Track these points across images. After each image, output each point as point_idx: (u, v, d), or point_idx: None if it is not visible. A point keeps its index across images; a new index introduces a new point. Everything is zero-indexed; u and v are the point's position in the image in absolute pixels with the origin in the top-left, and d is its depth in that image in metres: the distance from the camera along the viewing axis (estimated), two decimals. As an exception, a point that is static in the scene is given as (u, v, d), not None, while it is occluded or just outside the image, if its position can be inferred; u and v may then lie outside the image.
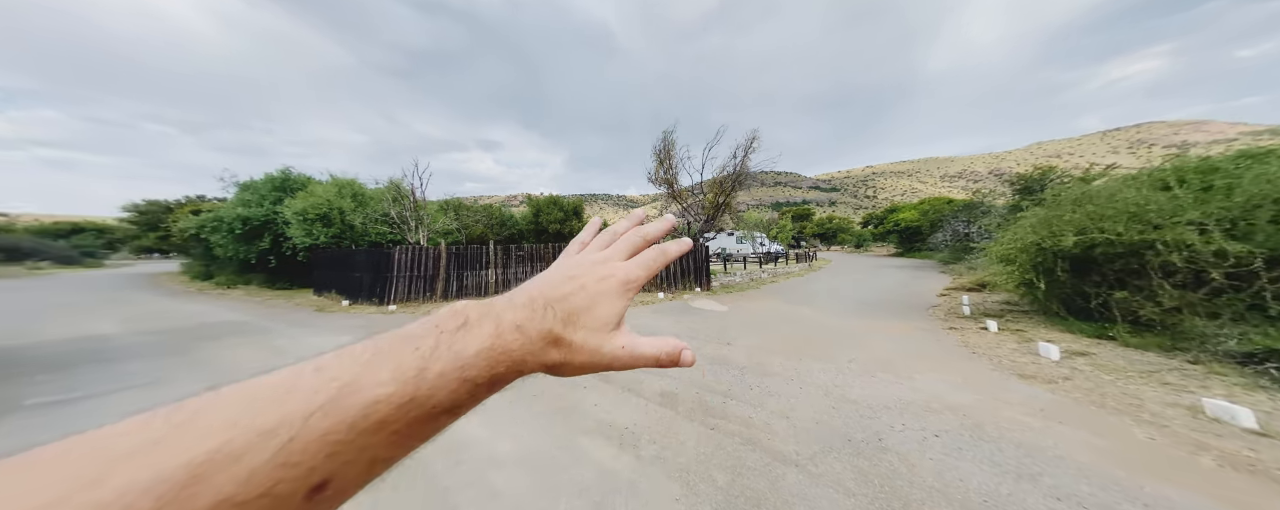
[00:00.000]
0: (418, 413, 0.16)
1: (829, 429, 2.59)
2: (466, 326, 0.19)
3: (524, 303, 0.23)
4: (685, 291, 9.79)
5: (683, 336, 5.06)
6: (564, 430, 2.57)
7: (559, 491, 1.91)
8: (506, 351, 0.20)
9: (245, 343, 5.22)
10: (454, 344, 0.18)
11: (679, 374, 3.63)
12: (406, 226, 10.75)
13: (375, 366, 0.16)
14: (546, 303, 0.23)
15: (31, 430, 2.75)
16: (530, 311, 0.22)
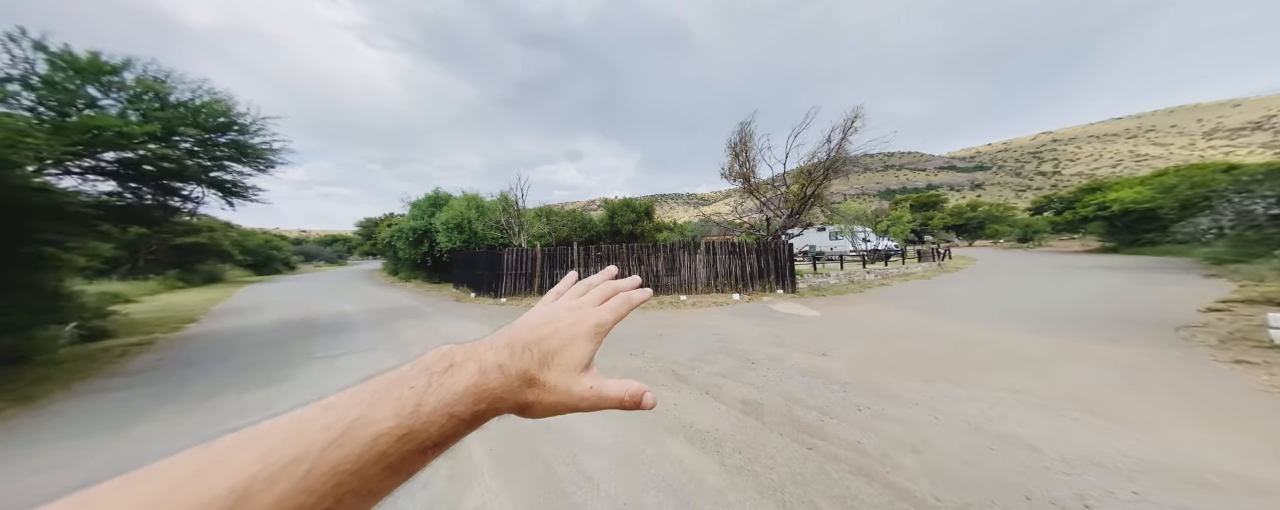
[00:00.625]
0: (411, 447, 0.17)
1: (988, 475, 1.99)
2: (453, 368, 0.21)
3: (504, 345, 0.24)
4: (765, 293, 8.93)
5: (763, 343, 4.66)
6: (646, 424, 2.63)
7: (645, 485, 1.96)
8: (488, 390, 0.21)
9: (415, 323, 7.06)
10: (443, 383, 0.20)
11: (763, 382, 3.32)
12: (512, 232, 12.98)
13: (378, 404, 0.17)
14: (524, 345, 0.25)
15: (321, 374, 4.24)
16: (510, 353, 0.23)
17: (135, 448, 2.62)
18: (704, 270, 9.49)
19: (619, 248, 9.99)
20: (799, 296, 8.58)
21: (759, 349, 4.43)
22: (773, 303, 7.81)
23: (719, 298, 8.65)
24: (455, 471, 2.12)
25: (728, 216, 14.50)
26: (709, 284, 9.41)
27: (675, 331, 5.55)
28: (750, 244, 9.61)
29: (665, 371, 3.72)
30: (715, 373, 3.63)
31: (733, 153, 11.01)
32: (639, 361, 4.08)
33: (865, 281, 11.02)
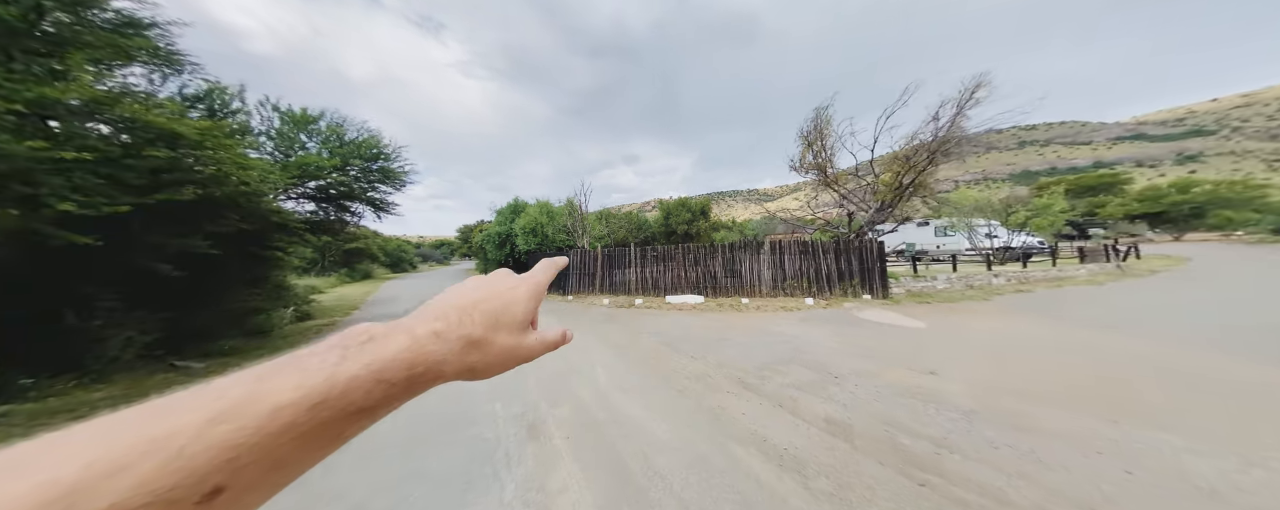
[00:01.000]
0: (330, 414, 0.17)
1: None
2: (374, 340, 0.20)
3: (437, 314, 0.24)
4: (846, 298, 7.76)
5: (847, 355, 4.06)
6: (713, 431, 2.51)
7: (719, 494, 1.85)
8: (425, 355, 0.21)
9: (498, 312, 8.23)
10: (363, 354, 0.19)
11: (850, 400, 2.87)
12: (576, 234, 14.03)
13: (277, 377, 0.17)
14: (461, 310, 0.25)
15: None
16: (446, 322, 0.24)
17: None
18: (769, 272, 8.73)
19: (674, 248, 9.83)
20: (893, 303, 7.22)
21: (841, 361, 3.84)
22: (857, 309, 6.74)
23: (788, 302, 7.85)
24: (541, 453, 2.32)
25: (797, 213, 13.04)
26: (775, 286, 8.62)
27: (737, 335, 5.21)
28: (826, 242, 8.48)
29: (730, 378, 3.51)
30: (788, 384, 3.27)
31: (805, 142, 9.83)
32: (700, 365, 3.94)
33: (990, 287, 8.72)
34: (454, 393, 3.53)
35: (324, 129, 8.64)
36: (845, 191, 10.22)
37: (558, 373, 3.86)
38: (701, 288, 9.29)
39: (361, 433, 0.19)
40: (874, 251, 8.01)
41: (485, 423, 2.75)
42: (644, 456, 2.22)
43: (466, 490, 1.98)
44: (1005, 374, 3.32)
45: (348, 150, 8.63)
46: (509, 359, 0.27)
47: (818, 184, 10.38)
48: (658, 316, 7.07)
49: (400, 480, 2.09)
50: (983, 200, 15.06)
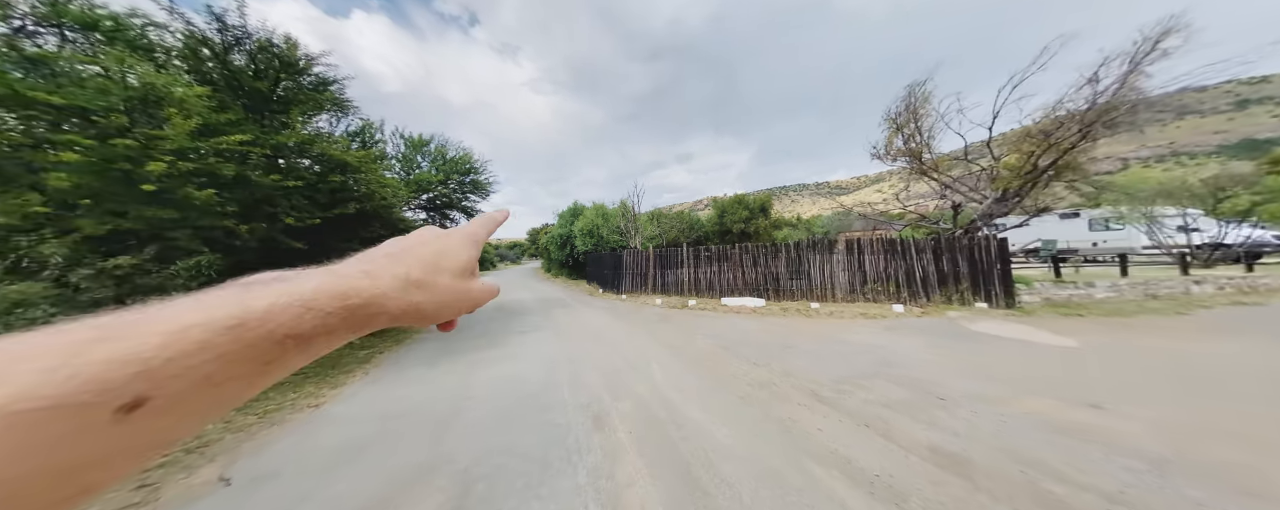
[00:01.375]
0: (255, 337, 0.17)
1: None
2: (280, 279, 0.20)
3: (364, 258, 0.25)
4: (952, 306, 6.41)
5: (956, 375, 3.38)
6: (785, 444, 2.29)
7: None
8: (356, 289, 0.21)
9: (563, 311, 8.77)
10: (273, 287, 0.19)
11: (965, 429, 2.37)
12: (629, 235, 14.46)
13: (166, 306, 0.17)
14: (390, 255, 0.26)
15: (519, 341, 5.81)
16: (374, 264, 0.24)
17: (438, 373, 4.31)
18: (844, 274, 7.71)
19: (730, 248, 9.32)
20: (1022, 313, 5.73)
21: (949, 381, 3.19)
22: (969, 319, 5.52)
23: (868, 308, 6.83)
24: (607, 445, 2.41)
25: (880, 206, 11.23)
26: (852, 290, 7.58)
27: (805, 343, 4.72)
28: (921, 240, 7.14)
29: (800, 389, 3.19)
30: (875, 402, 2.84)
31: (893, 125, 8.38)
32: (763, 372, 3.67)
33: (1188, 296, 6.31)
34: (528, 382, 3.94)
35: (433, 150, 10.64)
36: (949, 180, 8.45)
37: (616, 369, 3.99)
38: (762, 290, 8.67)
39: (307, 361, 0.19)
40: (992, 250, 6.45)
41: (557, 410, 2.97)
42: (708, 461, 2.13)
43: (546, 469, 2.15)
44: (1215, 414, 2.34)
45: (449, 166, 10.48)
46: (459, 300, 0.27)
47: (910, 172, 8.79)
48: (713, 318, 6.83)
49: (492, 452, 2.38)
50: (1172, 182, 10.87)
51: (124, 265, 3.94)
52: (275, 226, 5.36)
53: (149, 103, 4.16)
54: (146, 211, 3.99)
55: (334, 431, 2.90)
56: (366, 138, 8.92)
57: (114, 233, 4.00)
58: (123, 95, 4.04)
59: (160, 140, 4.02)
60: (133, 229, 4.06)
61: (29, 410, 0.12)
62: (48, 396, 0.13)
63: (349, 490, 2.08)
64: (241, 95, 5.79)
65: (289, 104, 6.27)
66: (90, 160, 3.71)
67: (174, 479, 2.36)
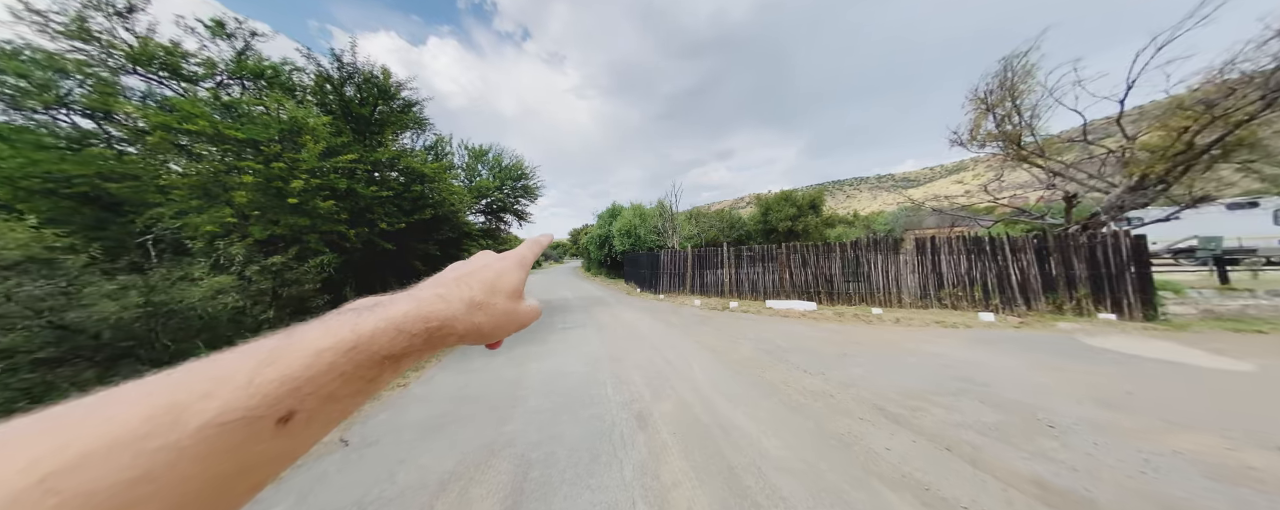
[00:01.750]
0: (363, 357, 0.20)
1: None
2: (379, 305, 0.23)
3: (436, 282, 0.28)
4: (1065, 316, 5.32)
5: (1070, 398, 2.87)
6: (845, 462, 2.13)
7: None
8: (434, 312, 0.24)
9: (603, 309, 9.10)
10: (375, 312, 0.22)
11: (1088, 465, 1.98)
12: (666, 235, 14.45)
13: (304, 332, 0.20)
14: (457, 279, 0.29)
15: (561, 338, 6.22)
16: (446, 287, 0.27)
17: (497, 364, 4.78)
18: (913, 276, 6.83)
19: (775, 247, 8.78)
20: (1168, 327, 4.54)
21: (1060, 406, 2.67)
22: (1089, 333, 4.54)
23: (945, 315, 5.96)
24: (651, 444, 2.48)
25: (960, 199, 9.68)
26: (924, 295, 6.69)
27: (866, 351, 4.29)
28: (1019, 237, 6.03)
29: (862, 402, 2.91)
30: (960, 424, 2.49)
31: (983, 105, 7.16)
32: (816, 381, 3.41)
33: None
34: (574, 377, 4.18)
35: (490, 159, 11.81)
36: (1060, 166, 7.00)
37: (657, 369, 4.03)
38: (812, 293, 8.05)
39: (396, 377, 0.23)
40: (1123, 250, 5.20)
41: (601, 405, 3.11)
42: (758, 470, 2.07)
43: (593, 461, 2.27)
44: None
45: (503, 173, 11.56)
46: (510, 321, 0.30)
47: (1003, 159, 7.46)
48: (757, 322, 6.53)
49: (544, 441, 2.58)
50: None
51: (277, 262, 5.06)
52: (373, 230, 6.43)
53: (293, 132, 5.28)
54: (290, 219, 5.08)
55: (418, 409, 3.38)
56: (439, 151, 10.21)
57: (271, 237, 5.17)
58: (278, 128, 5.19)
59: (300, 162, 5.09)
60: (281, 234, 5.20)
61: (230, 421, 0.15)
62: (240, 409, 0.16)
63: (432, 462, 2.42)
64: (350, 120, 7.04)
65: (383, 125, 7.46)
66: (258, 181, 4.84)
67: None
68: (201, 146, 5.22)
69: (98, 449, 0.13)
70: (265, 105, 5.52)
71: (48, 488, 0.12)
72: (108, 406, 0.15)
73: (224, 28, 6.53)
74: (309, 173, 5.15)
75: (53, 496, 0.12)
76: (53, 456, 0.13)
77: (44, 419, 0.14)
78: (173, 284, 4.35)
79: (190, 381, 0.16)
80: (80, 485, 0.13)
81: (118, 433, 0.14)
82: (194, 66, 6.21)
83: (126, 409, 0.15)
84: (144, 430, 0.14)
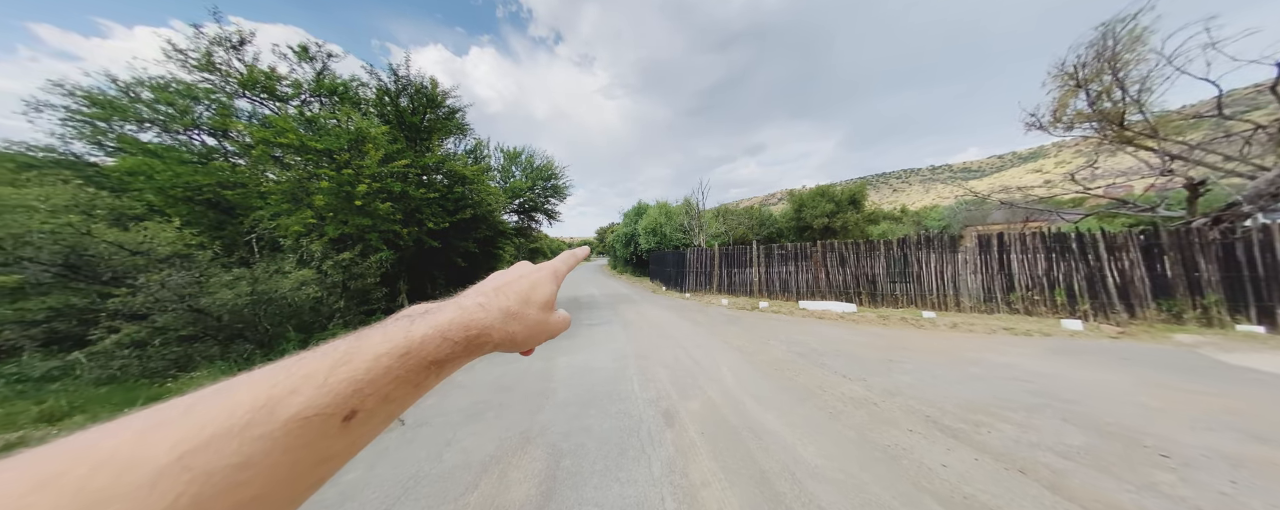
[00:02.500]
0: (414, 362, 0.21)
1: None
2: (429, 313, 0.24)
3: (479, 292, 0.29)
4: (1184, 327, 4.38)
5: (1193, 426, 2.34)
6: (893, 476, 1.94)
7: None
8: (474, 321, 0.25)
9: (629, 306, 9.15)
10: (425, 319, 0.24)
11: (1213, 504, 1.60)
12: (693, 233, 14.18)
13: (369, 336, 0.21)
14: (496, 289, 0.30)
15: (588, 334, 6.34)
16: (486, 297, 0.28)
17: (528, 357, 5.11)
18: (974, 277, 6.04)
19: (810, 245, 8.20)
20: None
21: (1176, 433, 2.18)
22: (1216, 348, 3.68)
23: (1016, 322, 5.18)
24: (679, 442, 2.44)
25: (1037, 190, 8.34)
26: (988, 299, 5.88)
27: (915, 358, 3.86)
28: (1116, 234, 5.07)
29: (910, 412, 2.62)
30: (1036, 445, 2.13)
31: (1073, 81, 6.10)
32: (857, 387, 3.13)
33: None
34: (601, 372, 4.24)
35: (523, 161, 12.48)
36: (1181, 147, 5.76)
37: (684, 368, 3.96)
38: (851, 294, 7.44)
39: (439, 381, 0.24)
40: (1277, 248, 4.15)
41: (628, 401, 3.12)
42: (792, 477, 1.95)
43: (621, 455, 2.28)
44: None
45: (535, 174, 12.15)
46: (541, 331, 0.31)
47: (1100, 142, 6.31)
48: (789, 323, 6.16)
49: (574, 432, 2.65)
50: None
51: (345, 259, 5.77)
52: (422, 229, 7.07)
53: (358, 142, 5.98)
54: (357, 220, 5.76)
55: (460, 395, 3.63)
56: (478, 154, 10.98)
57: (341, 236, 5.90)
58: (347, 138, 5.91)
59: (364, 168, 5.75)
60: (349, 233, 5.91)
61: (309, 416, 0.17)
62: (318, 407, 0.18)
63: (474, 445, 2.59)
64: (404, 128, 7.81)
65: (431, 132, 8.19)
66: (332, 186, 5.55)
67: None
68: (290, 156, 6.11)
69: (219, 433, 0.16)
70: (337, 118, 6.31)
71: (185, 465, 0.15)
72: (227, 396, 0.17)
73: (308, 52, 7.57)
74: (371, 177, 5.80)
75: (187, 473, 0.14)
76: (192, 438, 0.15)
77: (186, 404, 0.17)
78: (270, 276, 5.13)
79: (282, 378, 0.18)
80: (206, 464, 0.15)
81: (233, 421, 0.16)
82: (285, 88, 7.28)
83: (239, 399, 0.17)
84: (249, 420, 0.16)
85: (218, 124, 6.95)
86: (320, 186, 5.49)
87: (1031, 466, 1.93)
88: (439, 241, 7.48)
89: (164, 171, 6.25)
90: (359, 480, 2.22)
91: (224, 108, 7.08)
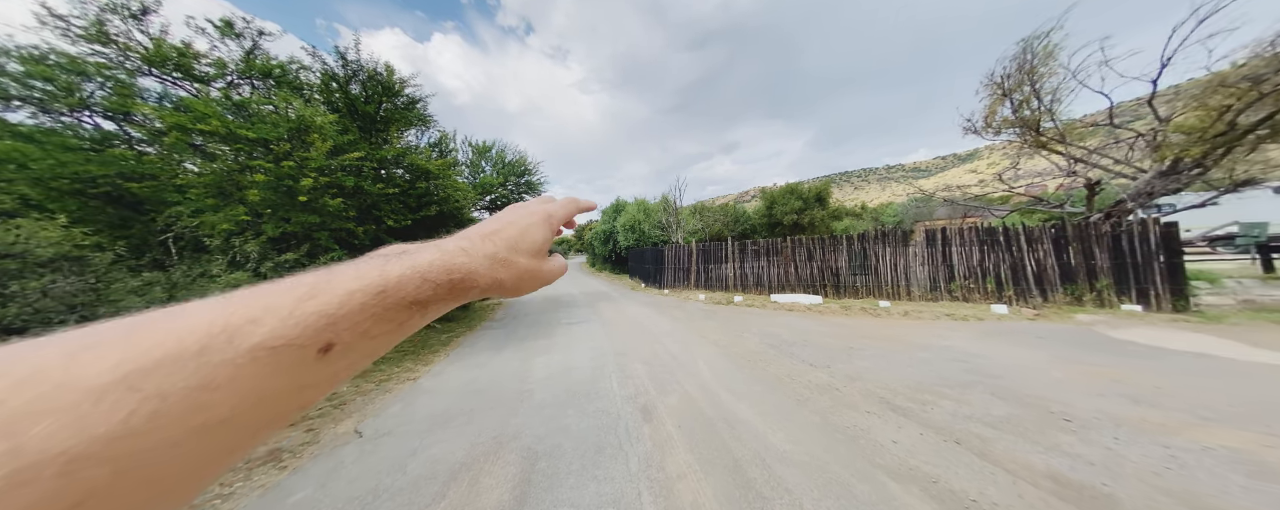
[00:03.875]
0: (392, 301, 0.21)
1: None
2: (406, 253, 0.24)
3: (463, 236, 0.28)
4: (1084, 308, 5.10)
5: (1088, 392, 2.78)
6: (851, 455, 2.10)
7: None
8: (458, 265, 0.25)
9: (608, 304, 9.13)
10: (402, 259, 0.23)
11: (1103, 459, 1.90)
12: (671, 229, 14.35)
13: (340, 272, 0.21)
14: (484, 235, 0.29)
15: (566, 333, 6.29)
16: (470, 241, 0.27)
17: (502, 359, 4.85)
18: (923, 269, 6.64)
19: (780, 241, 8.66)
20: (1203, 319, 4.32)
21: (1077, 400, 2.56)
22: (1111, 326, 4.34)
23: (956, 308, 5.78)
24: (656, 436, 2.47)
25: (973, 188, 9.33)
26: (934, 288, 6.50)
27: (873, 345, 4.20)
28: (1035, 227, 5.79)
29: (868, 395, 2.85)
30: (969, 417, 2.41)
31: (999, 90, 6.85)
32: (822, 374, 3.36)
33: None
34: (579, 371, 4.19)
35: (494, 155, 11.81)
36: (1083, 152, 6.67)
37: (662, 363, 4.02)
38: (818, 286, 7.91)
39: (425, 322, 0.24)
40: (1151, 238, 4.95)
41: (606, 399, 3.12)
42: (763, 463, 2.05)
43: (599, 453, 2.27)
44: None
45: (507, 169, 11.55)
46: (532, 278, 0.30)
47: (1021, 146, 7.15)
48: (762, 316, 6.45)
49: (551, 433, 2.61)
50: None
51: (289, 259, 5.18)
52: (381, 227, 6.51)
53: (301, 131, 5.36)
54: (301, 217, 5.18)
55: (428, 402, 3.44)
56: (443, 147, 10.26)
57: (283, 235, 5.28)
58: (286, 127, 5.27)
59: (308, 160, 5.16)
60: (293, 231, 5.31)
61: (277, 346, 0.17)
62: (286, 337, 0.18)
63: (443, 453, 2.46)
64: (356, 118, 7.11)
65: (388, 122, 7.51)
66: (269, 180, 4.93)
67: (327, 427, 3.05)
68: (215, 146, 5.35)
69: (169, 356, 0.15)
70: (274, 104, 5.60)
71: (130, 385, 0.14)
72: (175, 320, 0.16)
73: (233, 28, 6.63)
74: (318, 171, 5.22)
75: (135, 393, 0.14)
76: (136, 359, 0.15)
77: (126, 326, 0.16)
78: (193, 280, 4.50)
79: (240, 308, 0.17)
80: (157, 386, 0.14)
81: (184, 346, 0.15)
82: (205, 67, 6.34)
83: (190, 325, 0.16)
84: (204, 345, 0.16)
85: (116, 106, 5.92)
86: (255, 180, 4.86)
87: (965, 437, 2.17)
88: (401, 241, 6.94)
89: (42, 159, 5.23)
90: (308, 501, 2.04)
91: (124, 87, 6.03)
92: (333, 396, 3.68)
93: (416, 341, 6.17)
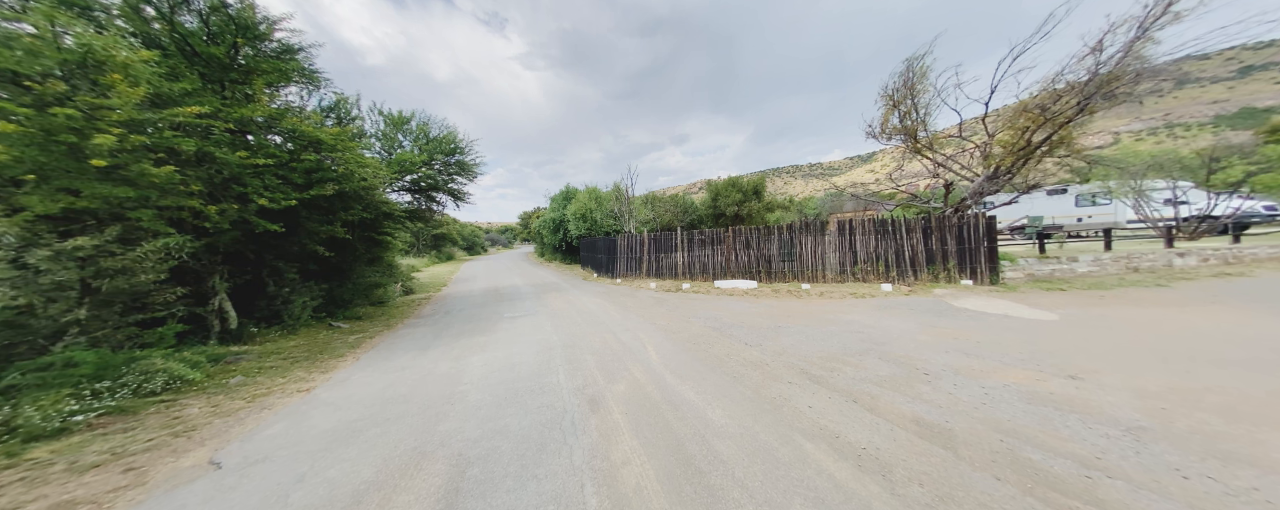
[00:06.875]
0: None
1: None
2: None
3: None
4: (938, 284, 6.56)
5: (940, 350, 3.48)
6: (775, 422, 2.35)
7: (789, 490, 1.72)
8: None
9: (557, 295, 8.77)
10: None
11: (948, 402, 2.45)
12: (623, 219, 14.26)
13: None
14: None
15: (508, 329, 5.88)
16: None
17: (429, 359, 4.31)
18: (835, 255, 7.78)
19: (723, 231, 9.30)
20: (1006, 289, 5.89)
21: (933, 357, 3.28)
22: (954, 297, 5.66)
23: (858, 288, 6.94)
24: (603, 426, 2.45)
25: (872, 186, 11.17)
26: (842, 271, 7.68)
27: (797, 323, 4.80)
28: (911, 219, 7.17)
29: (791, 367, 3.25)
30: (863, 379, 2.92)
31: (890, 102, 8.15)
32: (755, 352, 3.73)
33: (1171, 269, 6.58)
34: (523, 367, 3.93)
35: (414, 128, 9.97)
36: (942, 158, 8.37)
37: (612, 352, 4.01)
38: (754, 272, 8.73)
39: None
40: (979, 229, 6.53)
41: (552, 393, 2.99)
42: (702, 439, 2.18)
43: (541, 450, 2.17)
44: (1199, 383, 2.46)
45: (433, 146, 9.86)
46: None
47: (904, 151, 8.67)
48: (707, 301, 6.89)
49: (486, 436, 2.39)
50: (1165, 154, 10.96)
51: (85, 247, 3.68)
52: (248, 208, 5.05)
53: (89, 67, 3.73)
54: (101, 189, 3.68)
55: (326, 415, 2.88)
56: (341, 113, 8.32)
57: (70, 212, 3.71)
58: (57, 59, 3.61)
59: (106, 110, 3.64)
60: (90, 208, 3.77)
61: None
62: None
63: (343, 474, 2.08)
64: (196, 62, 5.25)
65: (250, 73, 5.72)
66: (29, 131, 3.35)
67: (161, 462, 2.32)
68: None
69: None
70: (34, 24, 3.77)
71: None
72: None
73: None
74: (125, 126, 3.73)
75: None
76: None
77: None
78: None
79: None
80: None
81: None
82: None
83: None
84: None
85: None
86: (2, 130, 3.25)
87: (861, 396, 2.62)
88: (283, 224, 5.46)
89: None
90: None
91: None
92: (172, 421, 2.84)
93: (312, 346, 5.13)
